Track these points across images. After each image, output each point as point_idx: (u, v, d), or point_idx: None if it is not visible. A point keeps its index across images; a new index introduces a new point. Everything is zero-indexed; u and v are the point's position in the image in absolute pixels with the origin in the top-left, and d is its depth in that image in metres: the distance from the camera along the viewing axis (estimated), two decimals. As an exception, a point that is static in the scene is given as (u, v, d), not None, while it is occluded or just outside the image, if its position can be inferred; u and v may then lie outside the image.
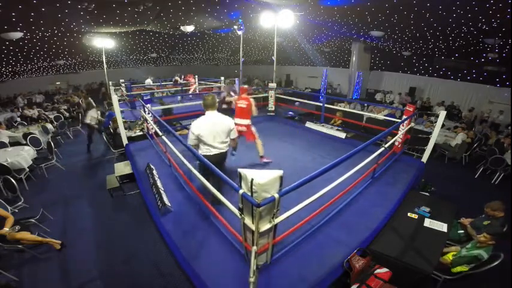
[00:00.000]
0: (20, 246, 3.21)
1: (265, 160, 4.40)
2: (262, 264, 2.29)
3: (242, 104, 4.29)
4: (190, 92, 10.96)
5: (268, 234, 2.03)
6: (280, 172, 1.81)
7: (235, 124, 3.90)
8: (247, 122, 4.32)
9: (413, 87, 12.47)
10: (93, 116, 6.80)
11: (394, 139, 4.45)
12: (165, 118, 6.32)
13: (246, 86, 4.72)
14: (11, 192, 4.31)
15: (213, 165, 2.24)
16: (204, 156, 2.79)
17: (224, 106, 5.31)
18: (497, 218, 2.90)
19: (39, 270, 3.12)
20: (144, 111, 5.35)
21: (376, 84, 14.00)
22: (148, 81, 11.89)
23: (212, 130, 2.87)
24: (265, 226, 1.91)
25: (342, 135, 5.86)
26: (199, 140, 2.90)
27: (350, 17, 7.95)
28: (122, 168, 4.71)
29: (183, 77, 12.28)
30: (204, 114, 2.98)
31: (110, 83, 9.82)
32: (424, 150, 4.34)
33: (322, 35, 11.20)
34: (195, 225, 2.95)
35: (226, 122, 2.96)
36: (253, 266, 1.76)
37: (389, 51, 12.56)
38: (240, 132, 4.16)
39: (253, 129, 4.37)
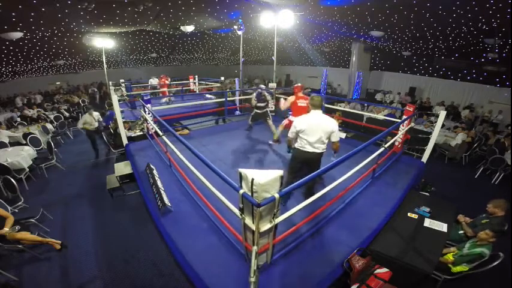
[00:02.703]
0: (20, 246, 3.21)
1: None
2: (263, 264, 2.29)
3: (303, 103, 4.36)
4: (165, 95, 10.01)
5: (269, 234, 2.03)
6: (280, 172, 1.81)
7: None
8: None
9: (413, 87, 12.47)
10: (86, 120, 6.25)
11: (394, 139, 4.45)
12: (164, 118, 6.31)
13: (300, 84, 4.66)
14: (11, 192, 4.30)
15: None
16: (300, 150, 2.93)
17: (258, 111, 5.30)
18: (496, 216, 2.91)
19: (39, 270, 3.12)
20: (144, 111, 5.35)
21: (376, 84, 13.99)
22: (151, 80, 11.68)
23: (314, 129, 2.86)
24: (265, 226, 1.91)
25: (342, 135, 5.85)
26: (298, 136, 2.93)
27: (350, 17, 7.95)
28: (122, 168, 4.71)
29: (157, 79, 11.26)
30: None
31: (110, 83, 9.81)
32: (424, 150, 4.34)
33: (322, 35, 11.20)
34: (195, 225, 2.95)
35: (331, 123, 2.90)
36: (253, 266, 1.76)
37: (389, 51, 12.55)
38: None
39: None
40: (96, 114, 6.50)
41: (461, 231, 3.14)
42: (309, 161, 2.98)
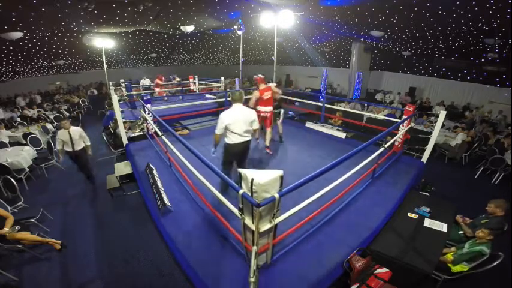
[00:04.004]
0: (20, 246, 3.21)
1: (268, 151, 4.72)
2: (263, 264, 2.29)
3: (267, 95, 4.57)
4: (159, 95, 9.97)
5: (269, 234, 2.03)
6: (280, 172, 1.81)
7: (260, 111, 4.49)
8: (270, 108, 4.70)
9: (413, 87, 12.47)
10: (60, 138, 4.52)
11: (394, 139, 4.45)
12: (164, 118, 6.31)
13: (261, 76, 4.73)
14: (11, 192, 4.30)
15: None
16: (231, 144, 3.18)
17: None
18: (496, 216, 2.91)
19: (39, 270, 3.12)
20: (144, 111, 5.35)
21: (376, 84, 13.99)
22: (143, 81, 11.16)
23: (237, 120, 3.10)
24: (265, 226, 1.91)
25: (342, 135, 5.86)
26: (227, 129, 3.13)
27: (350, 17, 7.94)
28: (122, 168, 4.71)
29: (149, 80, 11.17)
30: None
31: (110, 83, 9.81)
32: (424, 150, 4.34)
33: (322, 35, 11.20)
34: (195, 225, 2.95)
35: (251, 113, 3.23)
36: (253, 266, 1.76)
37: (389, 51, 12.55)
38: (263, 118, 4.67)
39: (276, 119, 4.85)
40: (76, 130, 4.62)
41: (461, 232, 3.14)
42: (241, 151, 3.30)
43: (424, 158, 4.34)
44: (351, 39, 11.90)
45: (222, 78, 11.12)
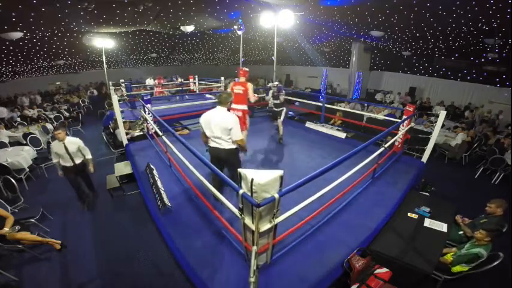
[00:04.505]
0: (20, 246, 3.21)
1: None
2: (262, 264, 2.29)
3: (239, 89, 4.24)
4: (163, 95, 10.65)
5: (268, 234, 2.03)
6: (280, 172, 1.81)
7: (233, 109, 4.07)
8: (242, 107, 4.29)
9: (413, 87, 12.47)
10: (55, 151, 3.83)
11: (394, 139, 4.45)
12: (164, 118, 6.32)
13: (245, 68, 4.43)
14: (11, 192, 4.30)
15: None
16: (209, 147, 3.06)
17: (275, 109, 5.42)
18: (496, 216, 2.91)
19: (39, 270, 3.12)
20: (144, 111, 5.35)
21: (376, 84, 13.99)
22: (149, 81, 11.84)
23: (208, 123, 2.92)
24: (265, 226, 1.91)
25: (342, 135, 5.86)
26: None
27: (350, 17, 7.94)
28: (122, 168, 4.71)
29: (153, 80, 11.71)
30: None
31: (110, 83, 9.82)
32: (424, 150, 4.34)
33: (322, 35, 11.20)
34: (195, 225, 2.95)
35: (226, 120, 2.86)
36: (253, 266, 1.76)
37: (389, 51, 12.55)
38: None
39: (247, 118, 4.39)
40: (73, 142, 3.84)
41: (461, 232, 3.15)
42: (218, 156, 3.04)
43: (424, 158, 4.34)
44: (351, 39, 11.90)
45: (222, 78, 11.13)
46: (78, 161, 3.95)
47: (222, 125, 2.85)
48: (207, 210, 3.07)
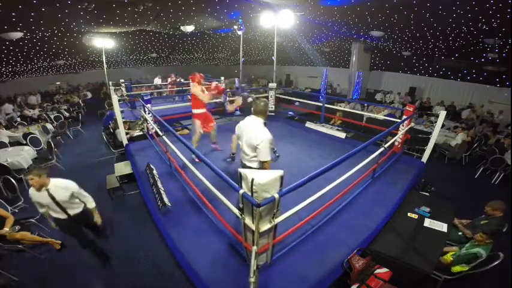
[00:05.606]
0: (20, 246, 3.22)
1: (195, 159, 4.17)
2: (262, 264, 2.29)
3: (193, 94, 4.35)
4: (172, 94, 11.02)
5: (269, 234, 2.03)
6: (280, 172, 1.81)
7: (194, 114, 4.25)
8: (199, 111, 4.38)
9: (413, 87, 12.46)
10: (37, 201, 2.71)
11: (394, 139, 4.45)
12: (164, 118, 6.32)
13: (198, 74, 4.37)
14: (11, 192, 4.30)
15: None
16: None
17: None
18: (496, 217, 2.91)
19: (39, 270, 3.12)
20: (144, 111, 5.35)
21: (376, 84, 13.99)
22: (157, 80, 12.04)
23: (242, 134, 2.68)
24: (265, 226, 1.91)
25: (342, 135, 5.86)
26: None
27: (350, 17, 7.94)
28: (122, 168, 4.71)
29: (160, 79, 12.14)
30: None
31: (110, 83, 9.82)
32: (424, 150, 4.34)
33: (322, 35, 11.20)
34: (195, 225, 2.95)
35: (255, 135, 2.45)
36: (253, 266, 1.76)
37: (389, 51, 12.55)
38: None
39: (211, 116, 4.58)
40: (61, 186, 2.72)
41: (461, 232, 3.15)
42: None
43: (424, 158, 4.34)
44: (351, 39, 11.89)
45: (222, 78, 11.13)
46: (74, 211, 2.78)
47: (250, 140, 2.50)
48: (207, 210, 3.07)
